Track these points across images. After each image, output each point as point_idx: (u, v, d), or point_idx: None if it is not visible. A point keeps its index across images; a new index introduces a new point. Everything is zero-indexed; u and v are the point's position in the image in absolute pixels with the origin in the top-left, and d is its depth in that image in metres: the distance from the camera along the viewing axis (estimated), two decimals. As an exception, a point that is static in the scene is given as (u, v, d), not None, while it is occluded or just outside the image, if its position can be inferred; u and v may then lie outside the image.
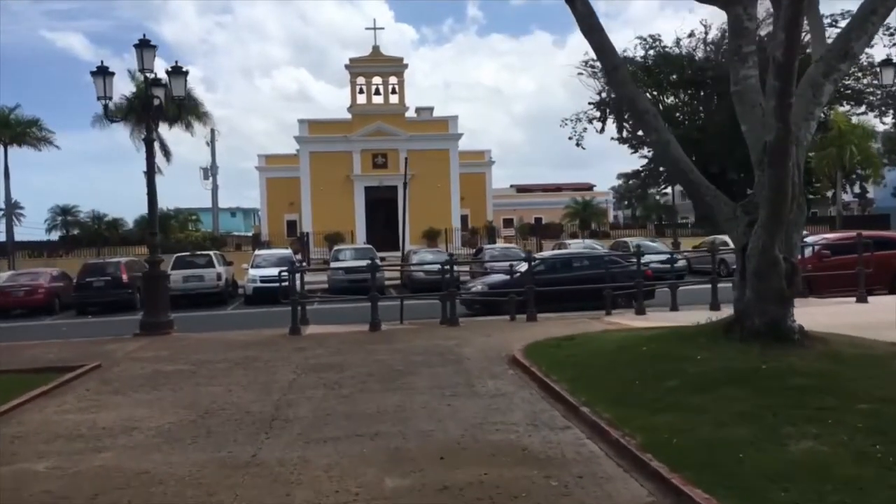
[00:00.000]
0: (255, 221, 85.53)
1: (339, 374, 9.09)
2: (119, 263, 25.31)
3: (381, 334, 12.80)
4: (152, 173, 14.41)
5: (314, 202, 45.45)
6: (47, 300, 24.63)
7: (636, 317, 13.76)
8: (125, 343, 13.10)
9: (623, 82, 9.01)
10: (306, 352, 11.02)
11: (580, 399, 6.72)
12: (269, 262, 26.68)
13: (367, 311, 16.03)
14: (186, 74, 14.31)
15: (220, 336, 13.67)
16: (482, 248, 30.90)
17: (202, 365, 10.22)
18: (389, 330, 13.34)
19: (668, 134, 8.83)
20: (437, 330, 13.18)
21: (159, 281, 14.27)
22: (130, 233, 41.26)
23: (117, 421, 7.19)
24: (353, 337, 12.55)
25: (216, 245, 34.55)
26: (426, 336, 12.23)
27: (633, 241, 29.39)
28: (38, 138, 35.36)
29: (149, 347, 12.29)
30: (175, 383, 8.98)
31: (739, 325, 7.67)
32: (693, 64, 44.19)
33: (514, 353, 9.64)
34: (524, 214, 62.86)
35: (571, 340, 10.15)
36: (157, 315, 14.11)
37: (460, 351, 10.39)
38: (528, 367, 8.49)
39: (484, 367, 9.13)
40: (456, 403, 7.25)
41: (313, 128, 46.12)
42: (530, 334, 11.72)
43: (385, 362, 9.73)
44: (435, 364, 9.43)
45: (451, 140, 47.10)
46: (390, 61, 46.61)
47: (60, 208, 44.60)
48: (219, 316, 22.39)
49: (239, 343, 12.36)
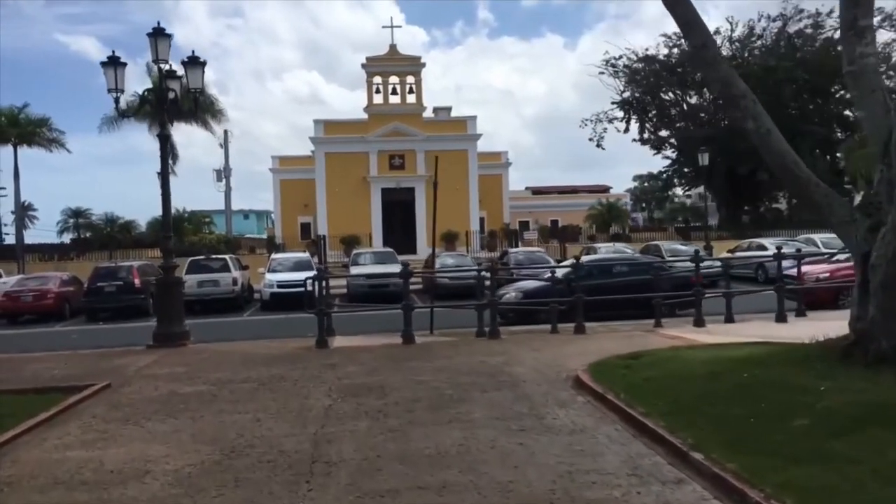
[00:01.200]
0: (269, 224, 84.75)
1: (380, 399, 7.94)
2: (131, 267, 24.30)
3: (416, 349, 11.64)
4: (166, 171, 13.34)
5: (329, 204, 44.39)
6: (57, 306, 23.66)
7: (696, 330, 12.52)
8: (137, 356, 12.01)
9: (713, 61, 7.86)
10: (338, 369, 9.88)
11: (685, 440, 5.54)
12: (286, 267, 25.64)
13: (392, 319, 15.03)
14: (204, 65, 13.25)
15: (240, 348, 12.56)
16: (507, 251, 29.67)
17: (223, 385, 9.10)
18: (424, 343, 12.18)
19: (770, 122, 7.65)
20: (476, 344, 12.01)
21: (174, 288, 13.18)
22: (143, 235, 40.31)
23: (128, 460, 6.07)
24: (387, 352, 11.40)
25: (230, 248, 33.54)
26: (467, 351, 11.06)
27: (664, 245, 28.06)
28: (47, 139, 34.46)
29: (163, 362, 11.20)
30: (194, 409, 7.85)
31: (862, 348, 6.47)
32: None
33: (577, 374, 8.47)
34: (540, 217, 61.51)
35: (639, 359, 8.96)
36: (171, 325, 13.03)
37: (512, 371, 9.22)
38: (602, 393, 7.31)
39: (546, 391, 7.95)
40: (529, 442, 6.08)
41: (329, 128, 45.09)
42: (584, 350, 10.56)
43: (430, 385, 8.57)
44: (488, 387, 8.26)
45: (469, 140, 45.93)
46: (407, 60, 45.52)
47: (72, 210, 43.75)
48: (234, 323, 21.31)
49: (262, 358, 11.25)
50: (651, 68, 45.59)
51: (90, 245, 38.47)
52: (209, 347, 12.80)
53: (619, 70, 47.13)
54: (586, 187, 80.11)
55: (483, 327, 13.09)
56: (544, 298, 15.44)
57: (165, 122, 13.23)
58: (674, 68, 45.35)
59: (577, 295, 12.86)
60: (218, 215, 57.19)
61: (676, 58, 45.06)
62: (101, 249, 36.48)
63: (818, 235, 29.17)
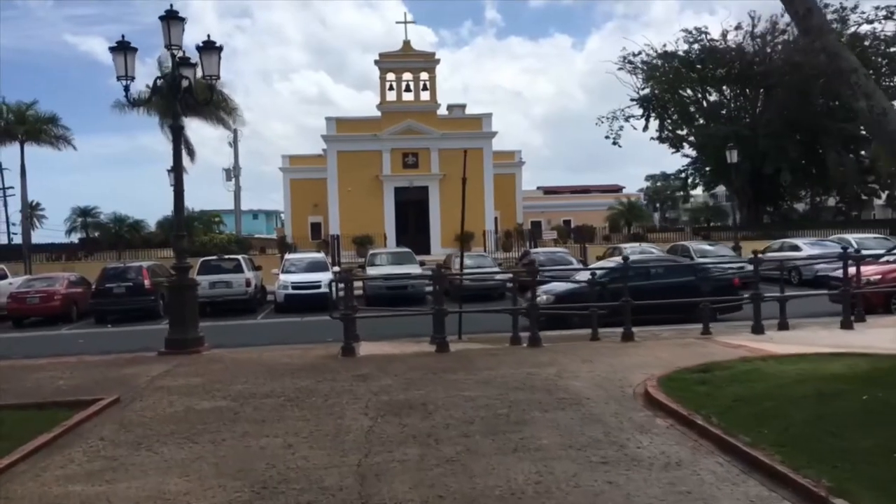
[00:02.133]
0: (278, 224, 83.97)
1: (426, 419, 6.96)
2: (141, 268, 23.41)
3: (453, 358, 10.65)
4: (179, 165, 12.40)
5: (342, 203, 43.46)
6: (64, 307, 22.80)
7: (756, 337, 11.47)
8: (149, 364, 11.08)
9: (820, 30, 6.86)
10: (370, 382, 8.91)
11: (817, 480, 4.53)
12: (301, 267, 24.73)
13: (413, 323, 14.13)
14: (220, 51, 12.30)
15: (259, 356, 11.59)
16: (528, 251, 28.68)
17: (246, 401, 8.14)
18: (460, 352, 11.19)
19: (886, 101, 6.65)
20: (517, 353, 11.02)
21: (188, 291, 12.24)
22: (153, 235, 39.46)
23: (140, 498, 5.11)
24: (421, 361, 10.41)
25: (242, 248, 32.63)
26: (511, 361, 10.06)
27: (692, 245, 26.97)
28: (55, 136, 33.64)
29: (177, 372, 10.26)
30: (215, 431, 6.89)
31: None
32: (743, 58, 41.58)
33: (646, 390, 7.48)
34: (552, 217, 60.58)
35: (711, 373, 7.97)
36: (185, 331, 12.09)
37: (569, 385, 8.22)
38: (687, 416, 6.31)
39: (617, 411, 6.96)
40: (618, 479, 5.08)
41: (341, 126, 44.14)
42: (641, 361, 9.56)
43: (479, 402, 7.58)
44: (549, 406, 7.26)
45: (484, 139, 44.90)
46: (421, 57, 44.57)
47: (81, 209, 42.96)
48: (248, 326, 20.42)
49: (284, 367, 10.29)
50: (670, 65, 44.45)
51: (98, 245, 37.64)
52: (226, 355, 11.86)
53: (637, 66, 46.04)
54: (598, 187, 79.12)
55: (518, 333, 12.14)
56: (578, 302, 14.52)
57: (179, 112, 12.30)
58: (693, 65, 44.22)
59: (625, 299, 11.84)
60: (227, 215, 56.42)
61: (696, 54, 43.96)
62: (109, 249, 35.65)
63: (852, 235, 28.05)
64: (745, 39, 42.93)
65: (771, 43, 42.79)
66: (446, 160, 43.86)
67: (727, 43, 43.34)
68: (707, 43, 43.17)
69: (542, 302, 15.51)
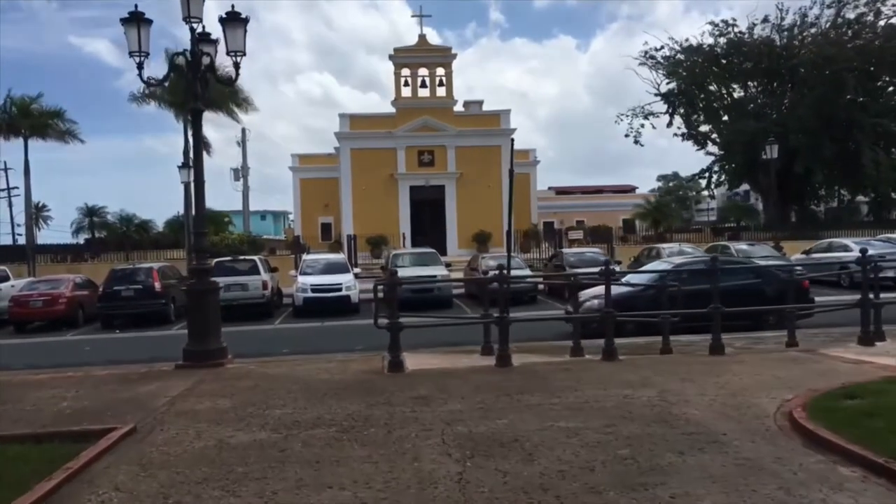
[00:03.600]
0: (287, 224, 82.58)
1: (530, 463, 5.45)
2: (151, 269, 22.00)
3: (519, 374, 9.14)
4: (199, 152, 10.93)
5: (355, 203, 41.98)
6: (69, 311, 21.42)
7: (868, 350, 9.92)
8: (167, 380, 9.60)
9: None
10: (435, 406, 7.40)
11: None
12: (318, 269, 23.30)
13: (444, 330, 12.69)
14: (246, 23, 10.84)
15: (292, 370, 10.09)
16: (560, 251, 27.17)
17: (290, 431, 6.65)
18: (524, 367, 9.68)
19: None
20: (592, 367, 9.50)
21: (209, 296, 10.75)
22: (162, 236, 38.01)
23: None
24: (484, 378, 8.90)
25: (254, 248, 31.16)
26: (591, 379, 8.54)
27: (734, 246, 25.41)
28: (61, 131, 32.19)
29: (201, 391, 8.78)
30: (260, 477, 5.39)
31: None
32: (773, 51, 39.92)
33: (796, 421, 5.97)
34: (565, 217, 59.17)
35: (862, 398, 6.47)
36: (206, 341, 10.61)
37: (687, 414, 6.70)
38: (884, 464, 4.80)
39: (774, 453, 5.43)
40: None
41: (355, 123, 42.68)
42: (754, 380, 8.05)
43: (586, 437, 6.06)
44: (680, 445, 5.74)
45: (503, 136, 43.25)
46: (438, 51, 43.15)
47: (87, 208, 41.50)
48: (267, 332, 19.01)
49: (324, 385, 8.80)
50: (694, 59, 42.81)
51: (106, 245, 36.23)
52: (253, 369, 10.36)
53: (659, 62, 44.44)
54: (612, 187, 77.63)
55: (579, 343, 10.64)
56: (637, 307, 13.05)
57: (199, 93, 10.83)
58: (718, 59, 42.60)
59: (714, 305, 10.31)
60: (235, 216, 55.08)
61: (722, 48, 42.35)
62: (117, 250, 34.25)
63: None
64: (773, 32, 41.33)
65: (799, 36, 41.18)
66: (463, 158, 42.36)
67: (752, 36, 41.76)
68: (735, 36, 41.55)
69: (594, 306, 14.11)
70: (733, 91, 44.70)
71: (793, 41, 41.33)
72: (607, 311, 10.01)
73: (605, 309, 10.09)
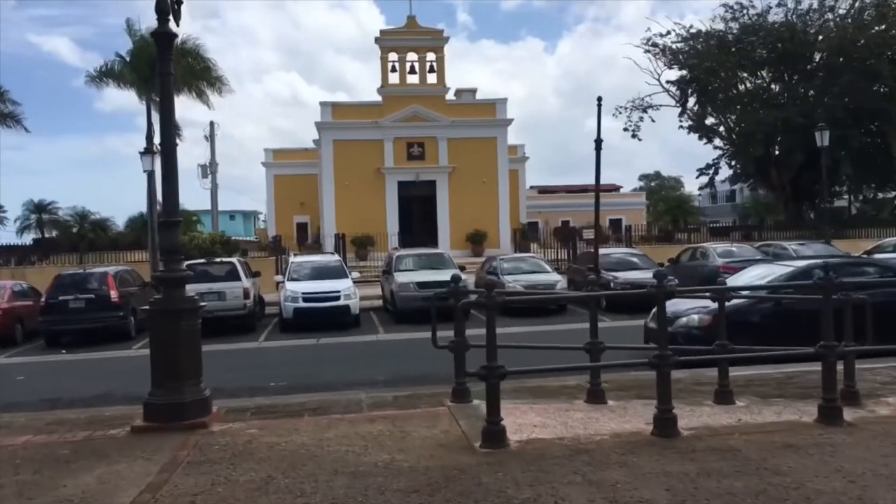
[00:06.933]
0: (258, 224, 78.25)
1: None
2: (105, 275, 18.10)
3: (709, 456, 5.66)
4: (170, 126, 7.23)
5: (338, 199, 38.26)
6: (5, 327, 17.49)
7: None
8: (119, 461, 5.91)
9: None
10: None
11: None
12: (310, 273, 19.67)
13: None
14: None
15: (321, 442, 6.29)
16: (587, 252, 23.82)
17: None
18: (701, 436, 6.18)
19: None
20: (824, 443, 6.03)
21: (183, 321, 7.04)
22: (121, 235, 33.81)
23: None
24: (655, 464, 5.39)
25: (228, 250, 27.34)
26: (849, 472, 5.13)
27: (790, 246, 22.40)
28: (2, 113, 28.01)
29: (174, 492, 5.14)
30: None
31: None
32: (794, 36, 37.07)
33: None
34: (549, 217, 56.38)
35: None
36: (179, 390, 6.88)
37: None
38: None
39: None
40: None
41: (338, 112, 38.97)
42: None
43: None
44: None
45: (499, 127, 40.14)
46: (428, 34, 39.68)
47: (35, 204, 36.96)
48: (251, 353, 15.42)
49: (384, 478, 5.18)
50: (702, 45, 39.82)
51: (57, 246, 31.98)
52: (255, 437, 6.64)
53: (663, 49, 41.44)
54: (595, 187, 74.96)
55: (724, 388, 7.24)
56: (743, 322, 9.75)
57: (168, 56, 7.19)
58: (729, 46, 39.67)
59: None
60: (203, 215, 50.96)
61: (734, 33, 39.47)
62: (70, 251, 30.11)
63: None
64: (790, 17, 38.57)
65: (819, 21, 38.46)
66: (456, 151, 38.91)
67: (764, 21, 38.98)
68: (749, 19, 38.68)
69: (689, 324, 10.84)
70: (746, 80, 41.78)
71: (808, 27, 38.66)
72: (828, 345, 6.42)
73: (826, 342, 6.44)
